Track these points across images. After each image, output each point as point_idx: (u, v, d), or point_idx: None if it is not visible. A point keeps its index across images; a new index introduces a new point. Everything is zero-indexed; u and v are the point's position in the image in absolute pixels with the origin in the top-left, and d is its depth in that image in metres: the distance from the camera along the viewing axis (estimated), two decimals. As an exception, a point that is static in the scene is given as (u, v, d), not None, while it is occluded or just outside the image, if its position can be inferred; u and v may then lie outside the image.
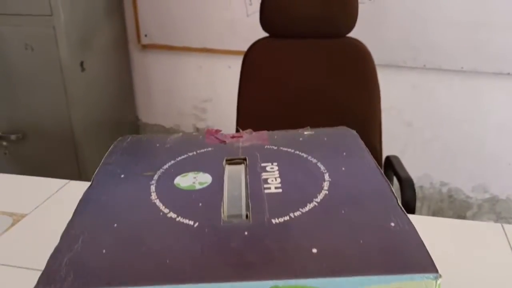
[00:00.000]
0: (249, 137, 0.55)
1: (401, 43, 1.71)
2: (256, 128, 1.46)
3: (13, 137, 1.79)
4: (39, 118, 1.76)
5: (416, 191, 1.15)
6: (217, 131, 0.54)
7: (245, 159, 0.48)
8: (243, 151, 0.50)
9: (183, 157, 0.49)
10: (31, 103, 1.74)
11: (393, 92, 1.76)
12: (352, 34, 1.33)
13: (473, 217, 1.95)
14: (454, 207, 1.96)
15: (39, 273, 0.72)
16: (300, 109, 1.37)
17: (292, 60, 1.36)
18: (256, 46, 1.36)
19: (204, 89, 2.05)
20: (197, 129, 2.13)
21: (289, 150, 0.50)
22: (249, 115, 1.40)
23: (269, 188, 0.41)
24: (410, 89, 1.80)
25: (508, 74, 1.65)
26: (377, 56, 1.33)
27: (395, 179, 1.33)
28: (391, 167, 1.31)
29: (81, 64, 1.73)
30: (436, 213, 1.98)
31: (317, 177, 0.43)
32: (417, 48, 1.70)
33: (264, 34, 1.36)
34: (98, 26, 1.84)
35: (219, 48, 1.92)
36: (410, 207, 1.08)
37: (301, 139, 0.53)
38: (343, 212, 0.37)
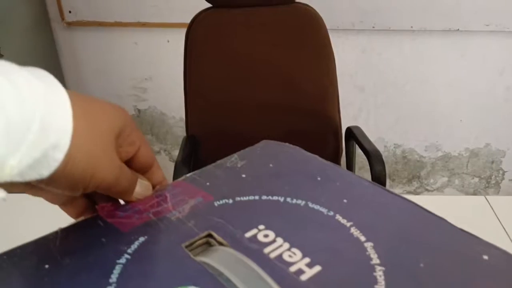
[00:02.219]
0: (173, 196, 0.35)
1: (347, 5, 1.63)
2: (207, 110, 1.35)
3: None
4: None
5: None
6: (114, 205, 0.34)
7: (210, 236, 0.31)
8: (191, 224, 0.31)
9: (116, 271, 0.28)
10: None
11: (343, 57, 1.69)
12: (299, -1, 1.24)
13: (427, 176, 1.97)
14: (409, 168, 1.96)
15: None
16: (253, 84, 1.27)
17: (240, 32, 1.25)
18: (199, 19, 1.23)
19: (142, 67, 1.88)
20: (139, 111, 1.97)
21: (255, 198, 0.34)
22: (199, 94, 1.28)
23: (301, 271, 0.27)
24: (360, 53, 1.74)
25: (458, 30, 1.62)
26: (325, 20, 1.24)
27: (359, 151, 1.28)
28: (353, 138, 1.25)
29: (-3, 49, 1.52)
30: (391, 175, 1.98)
31: (343, 233, 0.30)
32: (365, 10, 1.63)
33: (205, 4, 1.23)
34: (13, 5, 1.61)
35: (155, 22, 1.76)
36: (381, 181, 1.02)
37: (244, 175, 0.38)
38: (421, 266, 0.27)
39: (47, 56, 1.83)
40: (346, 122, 1.34)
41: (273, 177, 0.37)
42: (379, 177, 1.03)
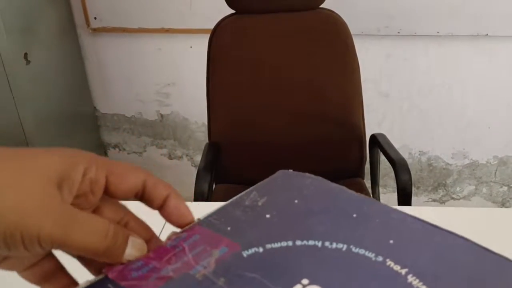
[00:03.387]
0: (192, 247, 0.30)
1: (373, 10, 1.61)
2: (230, 117, 1.34)
3: (-45, 143, 1.60)
4: (-17, 120, 1.58)
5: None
6: (123, 264, 0.28)
7: None
8: (221, 283, 0.27)
9: None
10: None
11: (367, 62, 1.67)
12: (322, 5, 1.22)
13: (453, 184, 1.92)
14: (434, 175, 1.92)
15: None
16: (277, 90, 1.26)
17: (263, 38, 1.24)
18: (222, 26, 1.23)
19: (166, 73, 1.89)
20: (162, 116, 1.98)
21: (288, 244, 0.30)
22: (222, 101, 1.28)
23: None
24: (384, 58, 1.71)
25: (486, 35, 1.58)
26: (349, 25, 1.22)
27: (383, 158, 1.25)
28: (378, 145, 1.23)
29: (25, 56, 1.55)
30: (416, 182, 1.94)
31: (401, 282, 0.26)
32: (390, 14, 1.60)
33: (228, 10, 1.23)
34: (41, 12, 1.64)
35: (179, 28, 1.77)
36: (407, 192, 1.00)
37: (268, 215, 0.33)
38: None
39: (73, 62, 1.85)
40: (369, 129, 1.32)
41: (303, 217, 0.32)
42: (405, 187, 1.01)
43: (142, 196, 0.30)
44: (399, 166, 1.03)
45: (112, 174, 0.29)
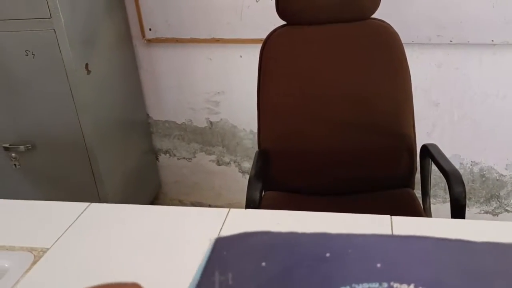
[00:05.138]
0: None
1: (424, 19, 1.59)
2: (279, 126, 1.36)
3: (22, 148, 1.71)
4: (47, 127, 1.68)
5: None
6: None
7: None
8: None
9: None
10: (38, 112, 1.66)
11: (418, 71, 1.65)
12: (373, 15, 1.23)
13: (507, 196, 1.86)
14: (487, 186, 1.87)
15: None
16: (327, 101, 1.27)
17: (314, 49, 1.26)
18: (273, 37, 1.26)
19: (216, 81, 1.95)
20: (211, 123, 2.04)
21: None
22: (271, 110, 1.31)
23: None
24: (435, 67, 1.69)
25: (544, 44, 1.54)
26: (400, 34, 1.22)
27: (434, 169, 1.24)
28: (429, 156, 1.22)
29: (86, 66, 1.64)
30: (468, 193, 1.89)
31: None
32: (442, 23, 1.59)
33: (278, 20, 1.26)
34: (100, 25, 1.73)
35: (229, 38, 1.82)
36: (460, 204, 0.99)
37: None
38: None
39: (128, 71, 1.94)
40: (419, 138, 1.31)
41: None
42: (458, 199, 1.00)
43: None
44: (453, 178, 1.02)
45: None
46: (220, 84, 1.95)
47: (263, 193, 1.34)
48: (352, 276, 0.28)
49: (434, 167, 1.68)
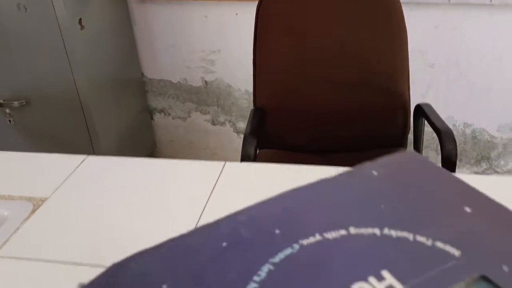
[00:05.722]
0: None
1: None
2: (275, 84, 1.37)
3: (16, 104, 1.70)
4: (41, 83, 1.67)
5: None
6: None
7: None
8: None
9: None
10: (32, 67, 1.64)
11: (414, 32, 1.64)
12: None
13: (497, 158, 1.90)
14: (478, 148, 1.90)
15: (67, 267, 0.66)
16: (323, 58, 1.27)
17: (311, 8, 1.25)
18: (271, -7, 1.24)
19: (211, 40, 1.93)
20: (206, 83, 2.03)
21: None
22: (267, 68, 1.31)
23: None
24: (432, 28, 1.68)
25: (542, 5, 1.53)
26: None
27: (427, 130, 1.26)
28: (423, 115, 1.24)
29: (80, 21, 1.61)
30: (459, 155, 1.92)
31: None
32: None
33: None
34: (93, -21, 1.70)
35: (224, -5, 1.79)
36: (451, 161, 1.01)
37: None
38: None
39: (123, 28, 1.91)
40: (414, 99, 1.32)
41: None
42: (449, 156, 1.02)
43: None
44: (445, 135, 1.04)
45: None
46: (215, 43, 1.93)
47: (258, 150, 1.35)
48: (263, 252, 0.28)
49: (427, 129, 1.70)
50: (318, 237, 0.28)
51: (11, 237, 0.72)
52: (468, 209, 0.29)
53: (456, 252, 0.26)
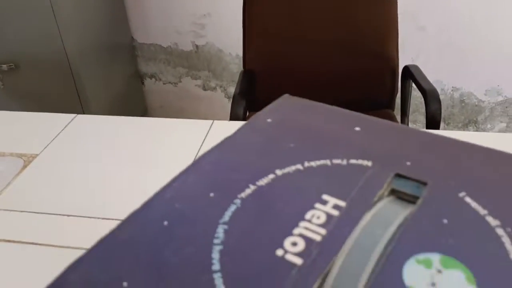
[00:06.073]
0: None
1: None
2: (265, 47, 1.37)
3: (4, 67, 1.69)
4: (30, 46, 1.65)
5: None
6: None
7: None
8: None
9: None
10: (19, 30, 1.63)
11: (405, -6, 1.64)
12: None
13: (484, 121, 1.92)
14: (466, 112, 1.92)
15: (58, 218, 0.68)
16: (314, 22, 1.27)
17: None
18: (260, -48, 1.23)
19: (202, 3, 1.91)
20: (197, 47, 2.02)
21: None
22: (257, 30, 1.30)
23: None
24: (423, -11, 1.67)
25: (532, -34, 1.52)
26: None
27: (417, 95, 1.27)
28: (410, 77, 1.25)
29: (67, -17, 1.59)
30: (447, 118, 1.95)
31: None
32: None
33: None
34: None
35: (215, -44, 1.76)
36: (435, 121, 1.03)
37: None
38: None
39: (111, -9, 1.89)
40: (404, 63, 1.33)
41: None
42: (434, 116, 1.04)
43: None
44: (430, 95, 1.06)
45: None
46: (206, 6, 1.91)
47: (247, 113, 1.36)
48: (209, 216, 0.28)
49: (416, 93, 1.72)
50: (252, 187, 0.30)
51: (3, 190, 0.74)
52: (358, 128, 0.35)
53: (368, 163, 0.31)
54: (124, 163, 0.79)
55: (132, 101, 2.14)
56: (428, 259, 0.23)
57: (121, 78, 2.02)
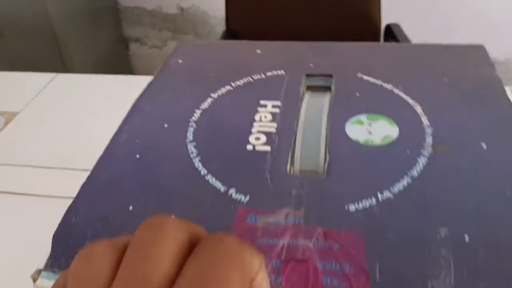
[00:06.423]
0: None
1: None
2: (247, 7, 1.35)
3: (-14, 31, 1.67)
4: (11, 11, 1.63)
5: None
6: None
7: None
8: None
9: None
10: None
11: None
12: None
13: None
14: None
15: (41, 170, 0.70)
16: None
17: None
18: None
19: (185, -36, 1.88)
20: (182, 10, 2.00)
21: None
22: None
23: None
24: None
25: None
26: None
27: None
28: (391, 36, 1.26)
29: None
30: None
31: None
32: None
33: None
34: None
35: None
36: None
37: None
38: None
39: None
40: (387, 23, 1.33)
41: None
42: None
43: None
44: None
45: None
46: (189, -33, 1.88)
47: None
48: (176, 137, 0.35)
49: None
50: (198, 111, 0.36)
51: (-15, 147, 0.75)
52: (259, 51, 0.45)
53: (282, 72, 0.40)
54: (107, 118, 0.80)
55: (117, 65, 2.13)
56: (359, 119, 0.33)
57: (106, 43, 2.00)
